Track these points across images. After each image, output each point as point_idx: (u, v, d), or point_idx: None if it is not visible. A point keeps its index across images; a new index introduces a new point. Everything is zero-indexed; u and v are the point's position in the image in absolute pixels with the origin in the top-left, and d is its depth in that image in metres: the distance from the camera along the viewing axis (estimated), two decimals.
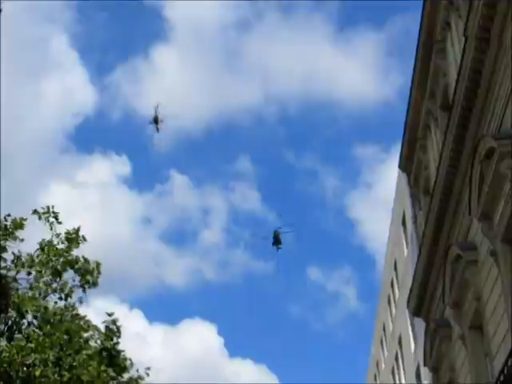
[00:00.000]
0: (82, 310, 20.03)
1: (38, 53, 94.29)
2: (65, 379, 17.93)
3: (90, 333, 19.39)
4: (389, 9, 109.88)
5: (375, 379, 45.15)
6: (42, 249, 19.98)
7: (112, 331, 19.53)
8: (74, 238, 20.20)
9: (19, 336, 18.61)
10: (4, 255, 18.94)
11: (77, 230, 20.32)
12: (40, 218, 20.25)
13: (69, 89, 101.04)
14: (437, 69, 20.03)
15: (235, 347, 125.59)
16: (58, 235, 20.29)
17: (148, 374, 20.06)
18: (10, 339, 18.52)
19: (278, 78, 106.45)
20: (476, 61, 14.86)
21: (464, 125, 16.35)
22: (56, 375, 17.95)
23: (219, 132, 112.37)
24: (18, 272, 19.51)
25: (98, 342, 19.41)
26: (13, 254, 19.49)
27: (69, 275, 20.02)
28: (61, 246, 20.15)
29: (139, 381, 19.92)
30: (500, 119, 13.99)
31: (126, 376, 19.77)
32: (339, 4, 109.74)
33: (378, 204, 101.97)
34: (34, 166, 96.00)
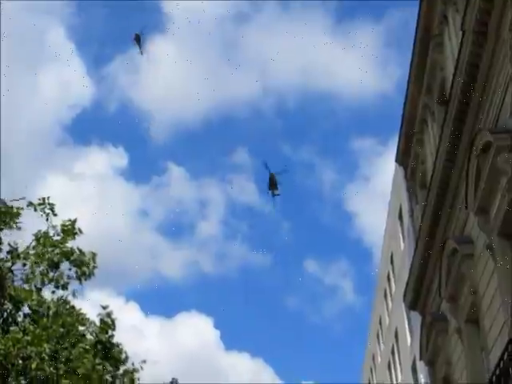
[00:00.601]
0: (78, 303, 19.98)
1: (35, 45, 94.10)
2: (61, 372, 17.90)
3: (86, 326, 19.33)
4: (387, 1, 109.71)
5: (371, 373, 45.24)
6: (37, 240, 19.86)
7: (107, 324, 19.49)
8: (69, 230, 20.08)
9: (15, 328, 18.54)
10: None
11: (73, 222, 20.20)
12: (35, 210, 20.11)
13: (65, 81, 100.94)
14: (434, 63, 19.99)
15: (231, 340, 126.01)
16: (53, 227, 20.18)
17: (142, 368, 20.01)
18: (5, 331, 18.47)
19: (277, 71, 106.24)
20: (473, 55, 14.83)
21: (461, 119, 16.33)
22: (52, 368, 17.91)
23: (217, 124, 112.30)
24: (13, 264, 19.40)
25: (94, 334, 19.36)
26: (9, 245, 19.39)
27: (64, 267, 19.95)
28: (56, 238, 20.03)
29: (134, 373, 19.89)
30: (497, 113, 13.96)
31: (122, 369, 19.73)
32: None
33: (375, 197, 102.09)
34: (31, 158, 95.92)
